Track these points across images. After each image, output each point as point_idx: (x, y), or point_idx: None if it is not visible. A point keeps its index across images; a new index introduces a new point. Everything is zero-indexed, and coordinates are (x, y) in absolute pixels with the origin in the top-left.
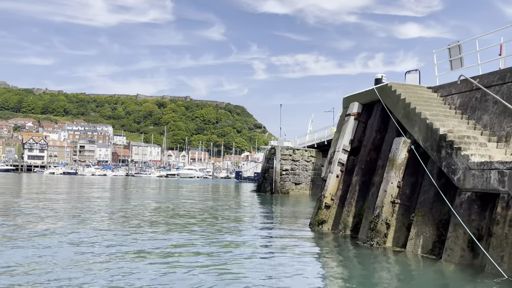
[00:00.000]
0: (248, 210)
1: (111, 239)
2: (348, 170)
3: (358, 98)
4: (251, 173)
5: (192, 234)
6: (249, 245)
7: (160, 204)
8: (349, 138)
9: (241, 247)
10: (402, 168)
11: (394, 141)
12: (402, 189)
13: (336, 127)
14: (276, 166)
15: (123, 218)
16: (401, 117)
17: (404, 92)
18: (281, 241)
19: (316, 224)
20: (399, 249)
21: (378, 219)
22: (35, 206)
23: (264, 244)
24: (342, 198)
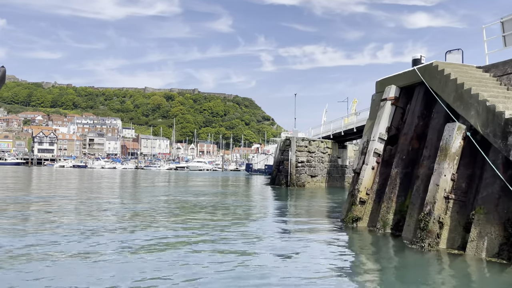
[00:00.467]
0: (268, 205)
1: (132, 234)
2: (385, 161)
3: (395, 80)
4: (261, 166)
5: (216, 231)
6: (279, 243)
7: (175, 198)
8: (385, 126)
9: (269, 245)
10: (456, 158)
11: (446, 127)
12: (456, 182)
13: (369, 114)
14: (291, 158)
15: (139, 213)
16: (452, 100)
17: (455, 72)
18: (315, 240)
19: (350, 221)
20: (456, 252)
21: (429, 217)
22: (52, 200)
23: (296, 242)
24: (379, 193)
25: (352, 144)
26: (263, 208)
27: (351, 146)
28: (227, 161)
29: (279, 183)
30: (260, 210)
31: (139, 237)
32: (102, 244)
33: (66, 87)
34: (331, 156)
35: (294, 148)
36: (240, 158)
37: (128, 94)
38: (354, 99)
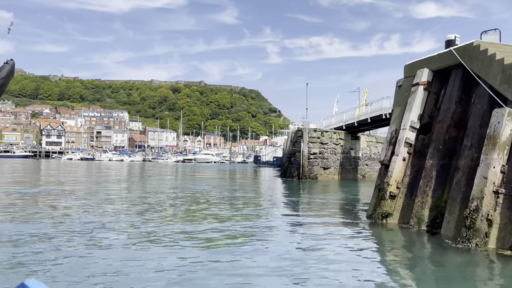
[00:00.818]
0: (283, 199)
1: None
2: (417, 151)
3: (428, 63)
4: (270, 158)
5: (234, 226)
6: (305, 241)
7: (185, 193)
8: (417, 113)
9: (294, 243)
10: (507, 147)
11: (494, 113)
12: (507, 175)
13: (397, 100)
14: (303, 149)
15: (149, 205)
16: (499, 83)
17: (500, 52)
18: (344, 239)
19: (379, 217)
20: (509, 253)
21: (476, 214)
22: (63, 192)
23: (322, 241)
24: (411, 186)
25: (364, 135)
26: (279, 202)
27: (364, 137)
28: (234, 154)
29: (291, 176)
30: (275, 204)
31: (155, 230)
32: (114, 236)
33: (73, 80)
34: (343, 148)
35: (306, 139)
36: (247, 150)
37: (135, 87)
38: (365, 89)
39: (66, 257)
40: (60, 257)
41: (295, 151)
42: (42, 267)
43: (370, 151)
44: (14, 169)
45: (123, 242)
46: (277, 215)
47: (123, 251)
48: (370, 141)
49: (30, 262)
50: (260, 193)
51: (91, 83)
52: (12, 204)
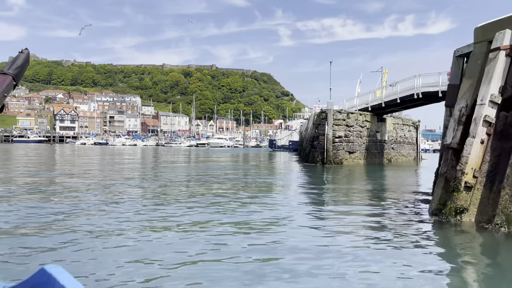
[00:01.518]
0: (315, 189)
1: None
2: (498, 132)
3: (511, 23)
4: (285, 142)
5: (259, 216)
6: (361, 253)
7: (201, 178)
8: (498, 85)
9: (347, 255)
10: None
11: None
12: None
13: (466, 70)
14: (328, 132)
15: (168, 190)
16: None
17: None
18: (408, 243)
19: (452, 213)
20: None
21: None
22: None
23: (380, 245)
24: (492, 175)
25: (390, 117)
26: (313, 194)
27: (390, 119)
28: (247, 138)
29: (314, 161)
30: (309, 196)
31: (176, 216)
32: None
33: (85, 65)
34: (369, 131)
35: (331, 121)
36: (259, 135)
37: (147, 71)
38: (385, 69)
39: (85, 243)
40: (78, 242)
41: (319, 134)
42: (61, 252)
43: (396, 134)
44: (30, 154)
45: (139, 228)
46: (313, 214)
47: (139, 237)
48: (396, 124)
49: (50, 248)
50: (285, 180)
51: (103, 68)
52: (31, 188)
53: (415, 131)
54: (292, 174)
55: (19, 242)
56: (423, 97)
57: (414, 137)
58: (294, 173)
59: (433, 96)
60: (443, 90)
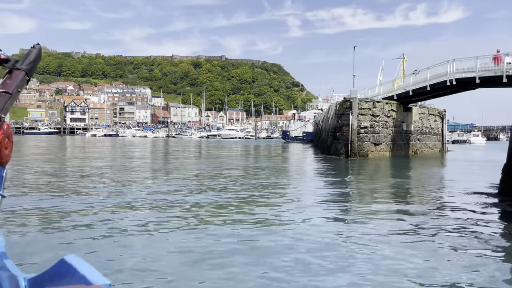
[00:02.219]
0: (345, 184)
1: None
2: None
3: None
4: (299, 133)
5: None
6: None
7: (216, 173)
8: None
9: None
10: None
11: None
12: None
13: None
14: (352, 123)
15: (182, 185)
16: None
17: None
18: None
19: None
20: None
21: None
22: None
23: None
24: None
25: (416, 106)
26: (344, 190)
27: (416, 108)
28: (258, 129)
29: (337, 153)
30: (341, 194)
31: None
32: None
33: (95, 57)
34: (395, 121)
35: (356, 111)
36: (269, 126)
37: (156, 63)
38: (404, 57)
39: (103, 234)
40: (97, 234)
41: (342, 124)
42: (81, 243)
43: (422, 125)
44: (41, 146)
45: (153, 220)
46: (368, 226)
47: (152, 229)
48: (422, 113)
49: (69, 239)
50: (310, 175)
51: (113, 59)
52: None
53: (441, 121)
54: (315, 168)
55: (38, 234)
56: (457, 84)
57: (440, 128)
58: (317, 167)
59: (468, 82)
60: (481, 76)
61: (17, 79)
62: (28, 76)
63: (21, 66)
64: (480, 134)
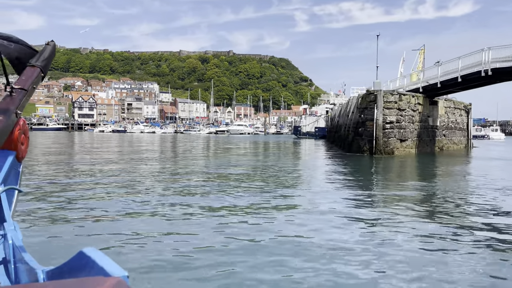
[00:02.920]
0: (379, 187)
1: None
2: None
3: None
4: (311, 128)
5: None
6: None
7: (231, 173)
8: None
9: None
10: None
11: None
12: None
13: None
14: (377, 117)
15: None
16: None
17: None
18: None
19: None
20: None
21: None
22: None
23: None
24: None
25: (442, 99)
26: (384, 200)
27: (441, 102)
28: (267, 125)
29: (359, 150)
30: (378, 198)
31: None
32: None
33: (103, 52)
34: (421, 115)
35: (381, 104)
36: (278, 121)
37: (164, 58)
38: (422, 48)
39: (121, 228)
40: (115, 227)
41: (366, 119)
42: (98, 236)
43: (448, 119)
44: (51, 143)
45: (165, 213)
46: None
47: (165, 222)
48: (448, 107)
49: (87, 232)
50: (331, 176)
51: (121, 55)
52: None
53: (466, 115)
54: (338, 168)
55: (55, 228)
56: (493, 74)
57: (465, 123)
58: (340, 167)
59: (506, 72)
60: None
61: (32, 75)
62: (43, 72)
63: (36, 63)
64: (499, 129)
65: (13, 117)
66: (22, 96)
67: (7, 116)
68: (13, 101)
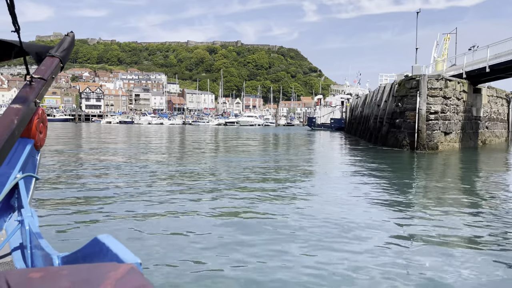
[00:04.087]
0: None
1: None
2: None
3: None
4: (326, 120)
5: None
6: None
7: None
8: None
9: None
10: None
11: None
12: None
13: None
14: (420, 106)
15: None
16: None
17: None
18: None
19: None
20: None
21: None
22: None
23: None
24: None
25: (485, 87)
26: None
27: (485, 89)
28: (278, 116)
29: (397, 144)
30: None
31: None
32: None
33: (110, 43)
34: (465, 104)
35: (425, 92)
36: (288, 113)
37: (171, 49)
38: (447, 35)
39: (135, 216)
40: (129, 215)
41: (405, 109)
42: (113, 223)
43: (491, 109)
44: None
45: (182, 205)
46: None
47: (182, 213)
48: (491, 96)
49: (102, 219)
50: (372, 177)
51: (128, 46)
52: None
53: (507, 105)
54: (377, 165)
55: (71, 215)
56: None
57: (506, 113)
58: (378, 164)
59: None
60: None
61: (51, 65)
62: (62, 63)
63: (55, 53)
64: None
65: (32, 106)
66: (41, 86)
67: (26, 105)
68: (32, 91)
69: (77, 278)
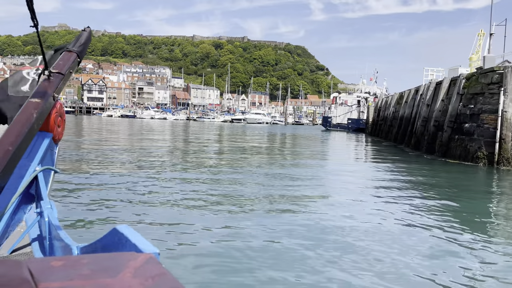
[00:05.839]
0: None
1: None
2: None
3: None
4: (342, 120)
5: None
6: None
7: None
8: None
9: None
10: None
11: None
12: None
13: None
14: (505, 108)
15: None
16: None
17: None
18: None
19: None
20: None
21: None
22: None
23: None
24: None
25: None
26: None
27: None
28: (286, 114)
29: (466, 157)
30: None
31: None
32: None
33: (115, 36)
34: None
35: (510, 88)
36: (294, 111)
37: (177, 43)
38: (481, 29)
39: (153, 207)
40: (148, 207)
41: (480, 110)
42: (131, 215)
43: None
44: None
45: (200, 198)
46: None
47: (199, 207)
48: None
49: (120, 210)
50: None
51: (133, 39)
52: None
53: None
54: (445, 188)
55: (89, 206)
56: None
57: None
58: (450, 189)
59: None
60: None
61: (69, 60)
62: (79, 58)
63: (72, 48)
64: None
65: (51, 100)
66: (59, 80)
67: (45, 99)
68: (51, 85)
69: (97, 267)
